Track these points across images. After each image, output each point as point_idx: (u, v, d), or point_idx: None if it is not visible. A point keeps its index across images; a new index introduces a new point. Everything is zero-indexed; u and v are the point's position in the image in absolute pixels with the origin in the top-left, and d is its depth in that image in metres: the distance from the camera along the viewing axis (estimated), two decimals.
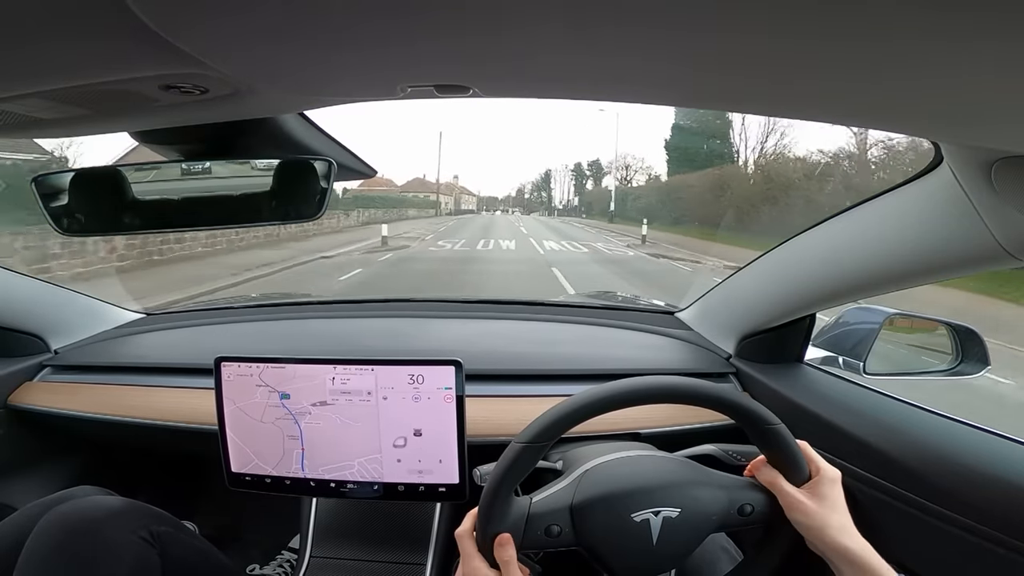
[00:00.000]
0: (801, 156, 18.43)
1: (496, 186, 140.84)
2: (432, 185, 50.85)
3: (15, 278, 1.07)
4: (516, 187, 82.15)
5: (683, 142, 25.21)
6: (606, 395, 0.57)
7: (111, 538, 0.73)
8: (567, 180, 63.14)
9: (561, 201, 63.32)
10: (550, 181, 68.75)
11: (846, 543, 0.55)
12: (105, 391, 1.03)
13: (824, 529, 0.56)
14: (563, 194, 64.30)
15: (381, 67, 0.36)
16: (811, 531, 0.57)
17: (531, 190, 75.83)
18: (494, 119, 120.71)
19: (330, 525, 1.04)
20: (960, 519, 0.64)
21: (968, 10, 0.22)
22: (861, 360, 0.91)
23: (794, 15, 0.25)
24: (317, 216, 0.60)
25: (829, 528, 0.56)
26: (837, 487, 0.59)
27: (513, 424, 0.64)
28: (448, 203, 50.50)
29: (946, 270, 0.62)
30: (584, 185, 56.04)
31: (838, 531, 0.56)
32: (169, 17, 0.28)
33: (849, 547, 0.55)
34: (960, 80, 0.30)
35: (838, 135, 25.30)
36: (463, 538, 0.58)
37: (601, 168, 53.26)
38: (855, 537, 0.56)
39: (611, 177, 46.96)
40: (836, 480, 0.60)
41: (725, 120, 22.68)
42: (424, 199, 43.56)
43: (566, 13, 0.26)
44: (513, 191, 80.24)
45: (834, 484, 0.59)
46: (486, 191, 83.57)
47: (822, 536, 0.56)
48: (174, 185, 0.60)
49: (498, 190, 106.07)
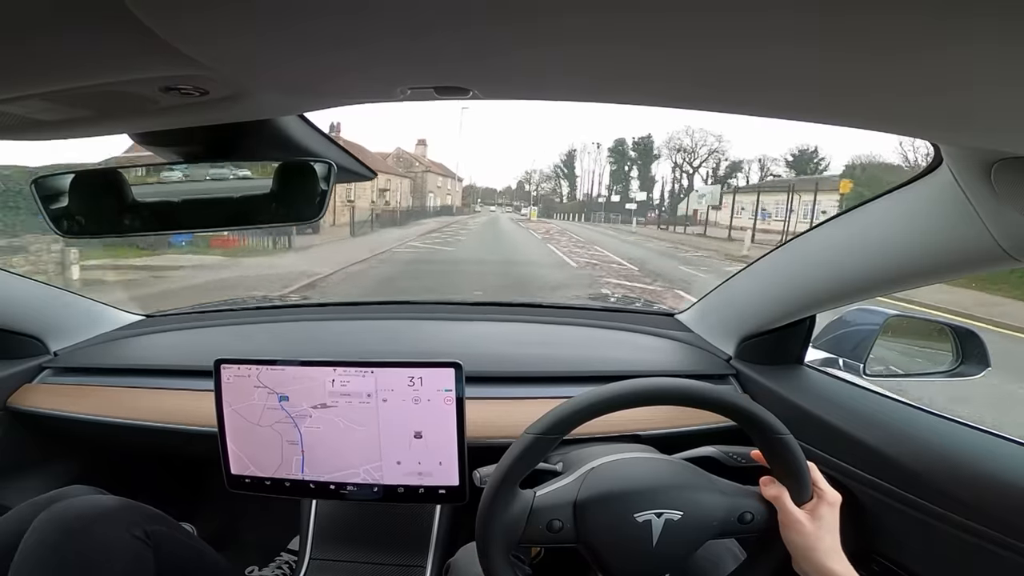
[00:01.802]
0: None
1: (494, 175, 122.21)
2: (412, 161, 33.02)
3: (14, 280, 1.07)
4: (521, 174, 64.22)
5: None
6: (625, 392, 0.57)
7: (105, 537, 0.73)
8: (603, 164, 42.45)
9: (591, 193, 43.21)
10: (574, 165, 47.00)
11: (831, 566, 0.56)
12: (105, 393, 1.02)
13: (813, 550, 0.57)
14: (593, 185, 44.02)
15: (381, 69, 0.36)
16: (800, 551, 0.58)
17: (539, 180, 54.93)
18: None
19: (330, 527, 1.04)
20: (960, 519, 0.64)
21: (968, 13, 0.23)
22: (861, 361, 0.91)
23: (794, 18, 0.25)
24: (317, 218, 0.60)
25: (818, 551, 0.57)
26: (835, 511, 0.60)
27: (513, 426, 0.64)
28: (396, 197, 27.93)
29: (946, 271, 0.62)
30: (627, 172, 38.28)
31: (825, 553, 0.57)
32: (168, 19, 0.28)
33: (834, 569, 0.56)
34: (960, 82, 0.30)
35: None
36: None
37: (651, 149, 36.07)
38: (841, 561, 0.57)
39: (666, 161, 33.00)
40: (836, 504, 0.60)
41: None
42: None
43: (566, 14, 0.26)
44: (514, 182, 63.14)
45: (833, 508, 0.60)
46: (482, 181, 66.74)
47: (809, 557, 0.57)
48: (174, 187, 0.60)
49: (496, 180, 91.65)
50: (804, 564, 0.58)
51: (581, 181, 45.91)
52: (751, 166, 36.48)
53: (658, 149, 35.30)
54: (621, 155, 38.37)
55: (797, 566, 0.59)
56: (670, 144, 36.35)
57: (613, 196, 39.85)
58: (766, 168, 36.98)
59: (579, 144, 55.06)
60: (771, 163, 37.85)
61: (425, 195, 34.42)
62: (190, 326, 1.27)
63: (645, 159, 36.56)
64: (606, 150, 42.35)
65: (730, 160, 35.88)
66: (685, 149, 31.93)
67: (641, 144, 38.08)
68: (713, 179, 34.96)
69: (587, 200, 42.81)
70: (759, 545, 0.63)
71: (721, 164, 36.03)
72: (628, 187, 38.06)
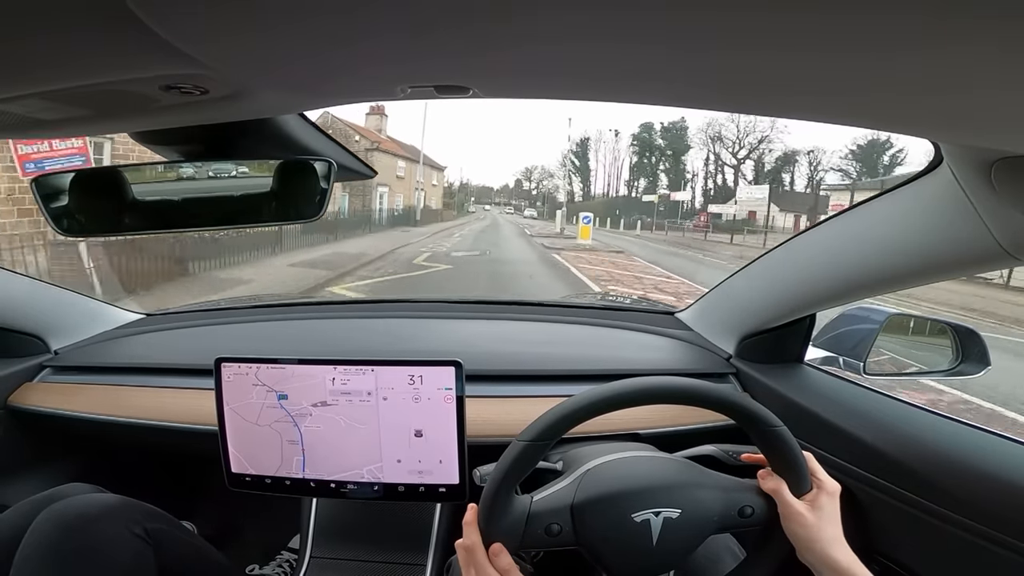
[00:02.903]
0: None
1: (489, 173, 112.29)
2: (349, 132, 19.26)
3: (15, 278, 1.07)
4: (520, 170, 54.20)
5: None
6: (610, 394, 0.57)
7: (106, 534, 0.73)
8: (622, 155, 32.79)
9: (606, 190, 33.23)
10: (587, 156, 36.58)
11: (835, 555, 0.56)
12: (105, 392, 1.03)
13: (816, 541, 0.57)
14: (608, 183, 34.32)
15: (381, 68, 0.36)
16: (803, 542, 0.58)
17: (540, 177, 44.75)
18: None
19: (330, 525, 1.04)
20: (959, 518, 0.64)
21: (968, 13, 0.23)
22: (861, 360, 0.91)
23: (795, 17, 0.25)
24: (317, 216, 0.60)
25: (820, 540, 0.57)
26: (835, 501, 0.60)
27: (513, 425, 0.64)
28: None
29: (945, 270, 0.62)
30: (652, 163, 27.61)
31: (828, 543, 0.57)
32: (168, 17, 0.28)
33: (838, 559, 0.56)
34: (960, 82, 0.30)
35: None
36: (473, 551, 0.57)
37: (684, 136, 26.31)
38: (844, 550, 0.57)
39: (700, 152, 23.32)
40: (835, 494, 0.60)
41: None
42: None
43: (567, 11, 0.26)
44: (511, 180, 54.82)
45: (833, 498, 0.60)
46: (476, 179, 57.32)
47: (812, 547, 0.57)
48: (174, 186, 0.60)
49: (493, 178, 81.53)
50: (808, 555, 0.58)
51: (595, 175, 36.23)
52: (802, 159, 27.65)
53: (691, 137, 25.93)
54: (647, 145, 28.35)
55: (802, 557, 0.59)
56: (709, 131, 27.34)
57: (633, 192, 29.80)
58: (817, 162, 28.15)
59: (593, 132, 44.74)
60: (827, 156, 29.92)
61: (371, 191, 19.84)
62: (190, 325, 1.27)
63: (676, 148, 26.87)
64: (629, 137, 32.96)
65: (784, 150, 26.12)
66: (726, 137, 23.75)
67: (672, 130, 29.16)
68: (755, 174, 27.46)
69: (614, 199, 30.59)
70: (760, 539, 0.63)
71: (765, 157, 26.72)
72: (656, 182, 28.40)
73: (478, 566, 0.56)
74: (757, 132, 26.05)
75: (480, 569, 0.56)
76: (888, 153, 32.21)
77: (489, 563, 0.56)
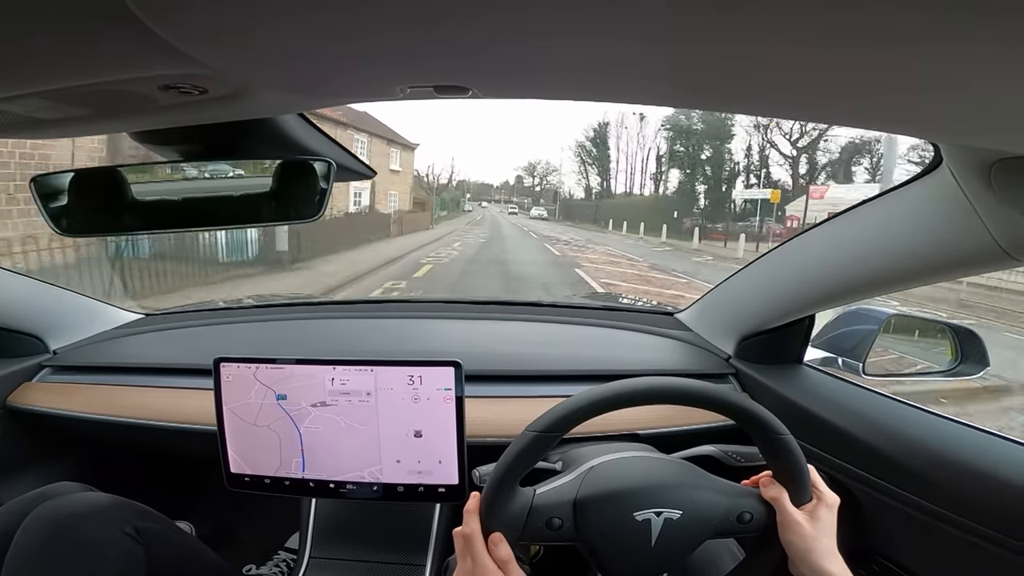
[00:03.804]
0: None
1: (488, 169, 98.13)
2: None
3: (14, 278, 1.07)
4: (522, 166, 48.06)
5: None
6: (625, 391, 0.57)
7: (96, 533, 0.74)
8: (648, 143, 27.89)
9: (629, 187, 28.50)
10: (607, 145, 30.59)
11: (829, 568, 0.56)
12: (104, 391, 1.02)
13: (811, 552, 0.57)
14: (630, 181, 29.19)
15: (380, 68, 0.36)
16: (798, 552, 0.58)
17: (544, 172, 39.25)
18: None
19: (329, 526, 1.04)
20: (959, 519, 0.64)
21: (968, 13, 0.23)
22: (860, 361, 0.91)
23: (795, 17, 0.25)
24: (317, 216, 0.60)
25: (816, 551, 0.57)
26: (833, 513, 0.60)
27: (513, 425, 0.64)
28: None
29: (945, 271, 0.62)
30: (690, 152, 21.72)
31: (822, 555, 0.57)
32: (168, 17, 0.28)
33: (831, 571, 0.56)
34: (960, 82, 0.30)
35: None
36: (472, 539, 0.56)
37: (729, 129, 20.72)
38: (838, 563, 0.57)
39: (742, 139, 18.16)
40: (834, 506, 0.60)
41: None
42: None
43: (568, 9, 0.26)
44: (512, 177, 47.54)
45: (831, 510, 0.60)
46: (475, 176, 51.73)
47: (807, 558, 0.57)
48: (174, 186, 0.60)
49: (492, 174, 72.18)
50: (801, 565, 0.58)
51: (615, 167, 30.34)
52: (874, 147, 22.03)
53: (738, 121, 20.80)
54: (683, 131, 23.41)
55: (793, 567, 0.59)
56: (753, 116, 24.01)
57: (662, 188, 24.95)
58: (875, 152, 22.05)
59: (613, 118, 34.73)
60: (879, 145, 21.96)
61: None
62: (189, 325, 1.27)
63: (720, 136, 22.46)
64: (657, 122, 27.44)
65: (851, 139, 21.05)
66: (783, 123, 18.67)
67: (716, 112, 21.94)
68: (809, 166, 22.54)
69: (662, 196, 24.78)
70: (758, 545, 0.63)
71: (830, 144, 22.15)
72: (695, 177, 23.77)
73: (475, 555, 0.55)
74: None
75: (477, 558, 0.55)
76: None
77: (487, 552, 0.55)
